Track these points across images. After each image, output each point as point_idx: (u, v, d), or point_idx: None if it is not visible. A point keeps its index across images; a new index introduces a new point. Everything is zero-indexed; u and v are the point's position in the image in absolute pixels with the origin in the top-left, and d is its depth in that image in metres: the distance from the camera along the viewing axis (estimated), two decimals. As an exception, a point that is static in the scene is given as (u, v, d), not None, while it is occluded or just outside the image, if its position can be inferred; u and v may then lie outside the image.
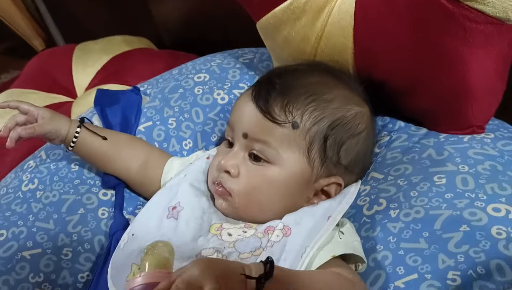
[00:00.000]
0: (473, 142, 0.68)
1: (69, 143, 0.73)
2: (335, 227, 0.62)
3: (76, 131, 0.72)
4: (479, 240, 0.56)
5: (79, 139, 0.73)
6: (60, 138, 0.73)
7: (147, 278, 0.46)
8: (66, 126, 0.72)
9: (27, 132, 0.70)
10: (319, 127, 0.63)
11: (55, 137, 0.72)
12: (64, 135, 0.72)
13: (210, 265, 0.44)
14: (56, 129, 0.72)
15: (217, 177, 0.65)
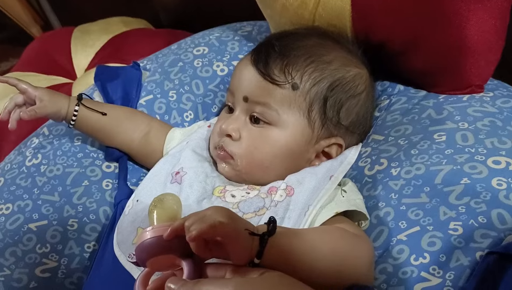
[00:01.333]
0: (472, 101, 0.68)
1: (70, 121, 0.73)
2: (337, 186, 0.62)
3: (74, 110, 0.73)
4: (480, 191, 0.56)
5: (79, 116, 0.73)
6: (61, 117, 0.73)
7: (157, 231, 0.43)
8: (65, 106, 0.73)
9: (28, 114, 0.70)
10: (319, 88, 0.63)
11: (56, 117, 0.73)
12: (64, 114, 0.73)
13: (223, 209, 0.43)
14: (56, 110, 0.72)
15: (219, 142, 0.65)
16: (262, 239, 0.44)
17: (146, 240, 0.43)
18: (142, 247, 0.43)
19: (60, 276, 0.70)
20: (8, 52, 1.72)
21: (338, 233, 0.55)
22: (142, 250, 0.43)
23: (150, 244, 0.43)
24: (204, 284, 0.38)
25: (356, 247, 0.54)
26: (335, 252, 0.50)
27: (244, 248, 0.43)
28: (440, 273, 0.52)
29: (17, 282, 0.68)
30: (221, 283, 0.38)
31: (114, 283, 0.60)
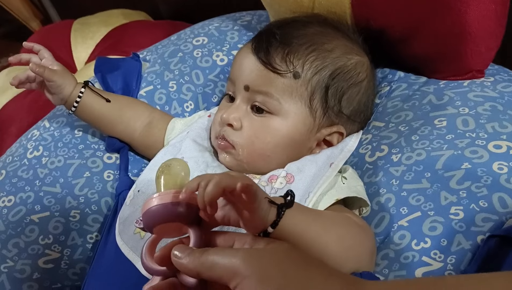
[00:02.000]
0: (473, 86, 0.68)
1: (72, 104, 0.73)
2: (338, 174, 0.62)
3: (80, 92, 0.72)
4: (481, 176, 0.56)
5: (82, 101, 0.73)
6: (62, 95, 0.72)
7: (164, 198, 0.42)
8: (71, 85, 0.72)
9: (38, 68, 0.70)
10: (320, 77, 0.63)
11: (58, 91, 0.72)
12: (67, 94, 0.72)
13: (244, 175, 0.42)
14: (62, 83, 0.71)
15: (220, 131, 0.65)
16: (279, 209, 0.43)
17: (152, 207, 0.42)
18: (149, 213, 0.42)
19: (63, 267, 0.70)
20: (8, 47, 1.72)
21: (347, 220, 0.55)
22: (148, 216, 0.42)
23: (157, 211, 0.41)
24: (211, 253, 0.38)
25: (361, 236, 0.54)
26: (344, 237, 0.50)
27: (260, 217, 0.42)
28: (441, 257, 0.52)
29: (20, 273, 0.68)
30: (229, 253, 0.37)
31: (116, 272, 0.60)
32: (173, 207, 0.41)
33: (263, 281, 0.35)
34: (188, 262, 0.38)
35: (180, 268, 0.39)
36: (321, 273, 0.36)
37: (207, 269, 0.37)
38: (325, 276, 0.36)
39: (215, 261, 0.37)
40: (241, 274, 0.35)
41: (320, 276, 0.36)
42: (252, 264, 0.36)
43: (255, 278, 0.35)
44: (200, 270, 0.37)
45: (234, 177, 0.40)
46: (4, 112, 1.09)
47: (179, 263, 0.38)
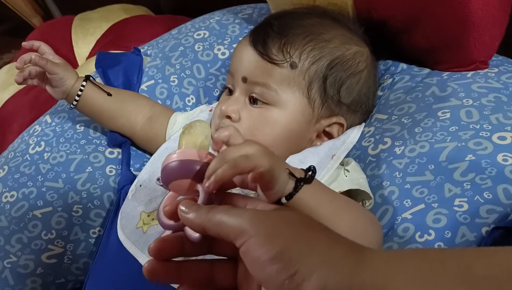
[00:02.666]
0: (476, 77, 0.67)
1: (73, 98, 0.73)
2: (340, 166, 0.62)
3: (82, 85, 0.72)
4: (485, 167, 0.56)
5: (83, 95, 0.72)
6: (64, 89, 0.72)
7: (184, 155, 0.42)
8: (73, 79, 0.72)
9: (41, 61, 0.69)
10: (318, 67, 0.63)
11: (60, 85, 0.72)
12: (68, 87, 0.72)
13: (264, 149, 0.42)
14: (63, 76, 0.71)
15: (219, 124, 0.65)
16: (297, 183, 0.43)
17: (170, 163, 0.43)
18: (166, 169, 0.43)
19: (66, 261, 0.70)
20: (10, 44, 1.72)
21: (361, 209, 0.54)
22: (166, 172, 0.43)
23: (174, 166, 0.42)
24: (219, 211, 0.38)
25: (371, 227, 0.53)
26: (357, 224, 0.50)
27: (277, 189, 0.42)
28: (445, 249, 0.51)
29: (23, 269, 0.68)
30: (236, 212, 0.37)
31: (119, 267, 0.60)
32: (189, 164, 0.42)
33: (269, 240, 0.35)
34: (194, 217, 0.38)
35: (185, 223, 0.39)
36: (327, 236, 0.37)
37: (214, 225, 0.37)
38: (331, 240, 0.36)
39: (222, 219, 0.37)
40: (247, 233, 0.35)
41: (326, 240, 0.36)
42: (259, 224, 0.36)
43: (262, 237, 0.35)
44: (206, 226, 0.38)
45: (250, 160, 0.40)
46: (6, 109, 1.09)
47: (185, 217, 0.39)
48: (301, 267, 0.34)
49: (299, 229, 0.37)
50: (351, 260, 0.34)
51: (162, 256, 0.39)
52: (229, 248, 0.40)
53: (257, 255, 0.35)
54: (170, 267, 0.40)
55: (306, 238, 0.36)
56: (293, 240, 0.35)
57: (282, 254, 0.34)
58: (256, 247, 0.35)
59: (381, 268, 0.34)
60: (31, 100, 1.07)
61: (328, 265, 0.34)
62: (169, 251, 0.39)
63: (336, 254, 0.35)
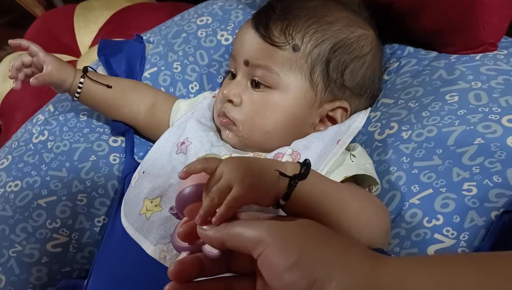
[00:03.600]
0: (485, 60, 0.66)
1: (74, 93, 0.73)
2: (346, 151, 0.61)
3: (80, 82, 0.72)
4: (494, 151, 0.55)
5: (84, 89, 0.72)
6: (64, 88, 0.73)
7: (197, 179, 0.44)
8: (71, 77, 0.72)
9: (38, 81, 0.69)
10: (321, 50, 0.61)
11: (59, 87, 0.72)
12: (68, 85, 0.72)
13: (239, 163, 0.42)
14: (61, 80, 0.71)
15: (221, 108, 0.64)
16: (291, 181, 0.42)
17: (185, 189, 0.44)
18: (182, 195, 0.44)
19: (72, 250, 0.70)
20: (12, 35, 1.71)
21: (367, 196, 0.54)
22: (180, 198, 0.44)
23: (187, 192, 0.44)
24: (236, 224, 0.39)
25: (378, 213, 0.53)
26: (363, 213, 0.49)
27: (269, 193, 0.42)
28: (454, 234, 0.51)
29: (29, 258, 0.68)
30: (254, 223, 0.38)
31: (123, 254, 0.60)
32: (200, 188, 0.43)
33: (286, 248, 0.35)
34: (213, 233, 0.39)
35: (204, 239, 0.40)
36: (343, 244, 0.37)
37: (232, 237, 0.38)
38: (347, 247, 0.37)
39: (240, 231, 0.38)
40: (265, 242, 0.36)
41: (342, 247, 0.36)
42: (276, 233, 0.37)
43: (278, 245, 0.35)
44: (224, 239, 0.38)
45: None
46: (10, 99, 1.09)
47: (204, 234, 0.40)
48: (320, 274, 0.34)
49: (315, 237, 0.37)
50: (368, 265, 0.35)
51: (182, 278, 0.40)
52: (247, 264, 0.41)
53: (275, 263, 0.35)
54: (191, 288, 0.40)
55: (322, 244, 0.36)
56: (309, 247, 0.36)
57: (300, 261, 0.35)
58: (273, 256, 0.35)
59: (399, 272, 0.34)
60: (34, 90, 1.06)
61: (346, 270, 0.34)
62: (188, 273, 0.40)
63: (353, 259, 0.35)
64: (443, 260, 0.35)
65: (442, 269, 0.33)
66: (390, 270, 0.34)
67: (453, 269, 0.33)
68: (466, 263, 0.34)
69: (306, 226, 0.39)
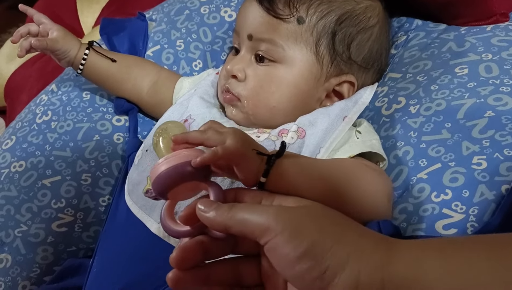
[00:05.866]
0: (496, 31, 0.64)
1: (78, 66, 0.72)
2: (352, 127, 0.60)
3: (84, 53, 0.71)
4: (506, 123, 0.53)
5: (88, 62, 0.71)
6: (68, 59, 0.71)
7: (171, 161, 0.40)
8: (75, 48, 0.71)
9: (40, 44, 0.68)
10: (326, 22, 0.60)
11: (64, 57, 0.71)
12: (72, 57, 0.71)
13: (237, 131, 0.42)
14: (66, 49, 0.70)
15: (225, 84, 0.63)
16: (269, 159, 0.42)
17: (161, 172, 0.40)
18: (159, 180, 0.40)
19: (77, 230, 0.70)
20: (16, 18, 1.70)
21: (356, 164, 0.53)
22: (159, 183, 0.41)
23: (167, 174, 0.40)
24: (242, 209, 0.37)
25: (375, 181, 0.52)
26: (350, 182, 0.48)
27: (250, 169, 0.41)
28: (463, 209, 0.49)
29: (34, 237, 0.68)
30: (260, 209, 0.36)
31: (128, 232, 0.59)
32: (183, 168, 0.40)
33: (296, 237, 0.34)
34: (215, 216, 0.37)
35: (206, 222, 0.37)
36: (353, 229, 0.36)
37: (237, 223, 0.36)
38: (359, 233, 0.36)
39: (245, 216, 0.36)
40: (273, 230, 0.34)
41: (354, 233, 0.35)
42: (285, 220, 0.35)
43: (288, 233, 0.34)
44: (228, 224, 0.36)
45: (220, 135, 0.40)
46: (14, 80, 1.08)
47: (205, 217, 0.37)
48: (331, 263, 0.33)
49: (326, 224, 0.36)
50: (381, 252, 0.34)
51: (186, 265, 0.38)
52: (252, 245, 0.39)
53: (285, 252, 0.34)
54: (196, 274, 0.38)
55: (334, 232, 0.35)
56: (321, 235, 0.34)
57: (311, 250, 0.33)
58: (283, 244, 0.34)
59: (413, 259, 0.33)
60: (38, 70, 1.06)
61: (358, 258, 0.33)
62: (192, 259, 0.38)
63: (365, 246, 0.34)
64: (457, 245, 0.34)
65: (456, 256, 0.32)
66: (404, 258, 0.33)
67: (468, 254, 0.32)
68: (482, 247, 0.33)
69: (316, 212, 0.37)
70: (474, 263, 0.31)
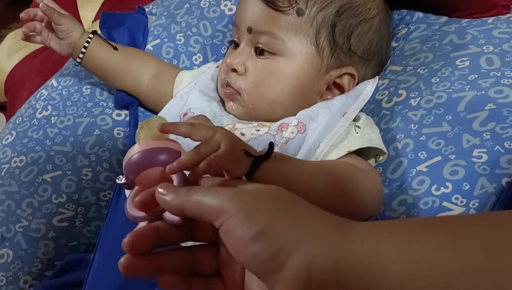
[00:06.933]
0: (498, 23, 0.63)
1: (79, 52, 0.71)
2: (351, 122, 0.59)
3: (88, 37, 0.71)
4: (506, 116, 0.53)
5: (89, 49, 0.71)
6: (70, 40, 0.71)
7: (147, 145, 0.41)
8: (79, 30, 0.71)
9: (48, 10, 0.68)
10: (326, 13, 0.59)
11: (66, 37, 0.71)
12: (75, 39, 0.71)
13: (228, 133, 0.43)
14: (70, 27, 0.70)
15: (225, 78, 0.63)
16: (255, 161, 0.42)
17: (133, 156, 0.41)
18: (130, 164, 0.41)
19: (78, 225, 0.70)
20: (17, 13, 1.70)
21: (342, 166, 0.53)
22: (129, 167, 0.41)
23: (137, 158, 0.41)
24: (197, 191, 0.36)
25: (362, 183, 0.52)
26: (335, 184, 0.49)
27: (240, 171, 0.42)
28: (463, 202, 0.49)
29: (35, 232, 0.68)
30: (216, 191, 0.36)
31: (129, 227, 0.58)
32: (153, 153, 0.41)
33: (251, 217, 0.33)
34: (172, 199, 0.36)
35: (163, 205, 0.37)
36: (311, 212, 0.35)
37: (193, 205, 0.35)
38: (315, 215, 0.35)
39: (201, 198, 0.35)
40: (228, 211, 0.33)
41: (310, 215, 0.35)
42: (240, 201, 0.34)
43: (243, 214, 0.33)
44: (185, 207, 0.36)
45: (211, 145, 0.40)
46: (14, 75, 1.08)
47: (163, 199, 0.37)
48: (284, 245, 0.32)
49: (283, 205, 0.35)
50: (337, 233, 0.33)
51: (138, 250, 0.37)
52: (210, 233, 0.38)
53: (238, 234, 0.33)
54: (149, 260, 0.37)
55: (290, 213, 0.34)
56: (277, 216, 0.33)
57: (265, 231, 0.32)
58: (237, 226, 0.33)
59: (369, 238, 0.32)
60: (39, 66, 1.06)
61: (313, 239, 0.32)
62: (145, 244, 0.37)
63: (321, 227, 0.33)
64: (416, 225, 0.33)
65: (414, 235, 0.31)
66: (360, 237, 0.32)
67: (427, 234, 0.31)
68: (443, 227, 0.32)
69: (273, 193, 0.36)
70: (433, 243, 0.30)
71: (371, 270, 0.30)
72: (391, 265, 0.30)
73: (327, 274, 0.31)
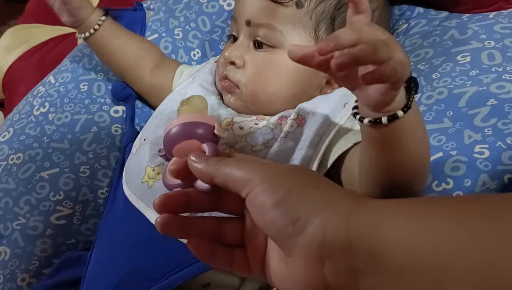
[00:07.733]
0: (499, 17, 0.63)
1: (88, 29, 0.72)
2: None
3: (101, 19, 0.72)
4: (508, 112, 0.52)
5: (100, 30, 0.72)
6: (77, 18, 0.71)
7: (184, 118, 0.45)
8: (89, 9, 0.71)
9: None
10: (325, 6, 0.59)
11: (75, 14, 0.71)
12: (83, 17, 0.71)
13: None
14: (79, 6, 0.70)
15: (223, 72, 0.62)
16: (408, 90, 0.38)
17: (172, 129, 0.45)
18: (168, 136, 0.45)
19: (76, 222, 0.69)
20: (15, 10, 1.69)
21: None
22: (168, 139, 0.45)
23: (176, 131, 0.45)
24: (227, 162, 0.39)
25: None
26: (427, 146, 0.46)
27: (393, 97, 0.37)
28: (465, 198, 0.49)
29: (33, 230, 0.68)
30: (245, 162, 0.39)
31: (126, 223, 0.59)
32: (190, 126, 0.45)
33: (273, 186, 0.36)
34: (204, 166, 0.39)
35: (195, 172, 0.40)
36: (328, 184, 0.38)
37: (222, 174, 0.38)
38: (331, 186, 0.38)
39: (230, 169, 0.38)
40: (254, 181, 0.36)
41: (327, 186, 0.38)
42: (265, 172, 0.37)
43: (266, 183, 0.36)
44: (214, 175, 0.39)
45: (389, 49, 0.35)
46: (12, 72, 1.07)
47: (195, 166, 0.40)
48: (303, 212, 0.35)
49: (302, 178, 0.38)
50: (351, 203, 0.35)
51: (167, 210, 0.40)
52: (236, 205, 0.41)
53: (261, 200, 0.36)
54: (180, 221, 0.40)
55: (309, 184, 0.37)
56: (296, 186, 0.36)
57: (286, 199, 0.35)
58: (261, 193, 0.36)
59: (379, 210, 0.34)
60: (36, 63, 1.05)
61: (329, 209, 0.35)
62: (174, 206, 0.40)
63: (336, 196, 0.36)
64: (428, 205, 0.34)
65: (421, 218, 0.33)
66: (372, 208, 0.34)
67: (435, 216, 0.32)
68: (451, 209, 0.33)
69: (296, 169, 0.40)
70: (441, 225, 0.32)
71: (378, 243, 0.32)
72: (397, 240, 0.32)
73: (339, 241, 0.33)
